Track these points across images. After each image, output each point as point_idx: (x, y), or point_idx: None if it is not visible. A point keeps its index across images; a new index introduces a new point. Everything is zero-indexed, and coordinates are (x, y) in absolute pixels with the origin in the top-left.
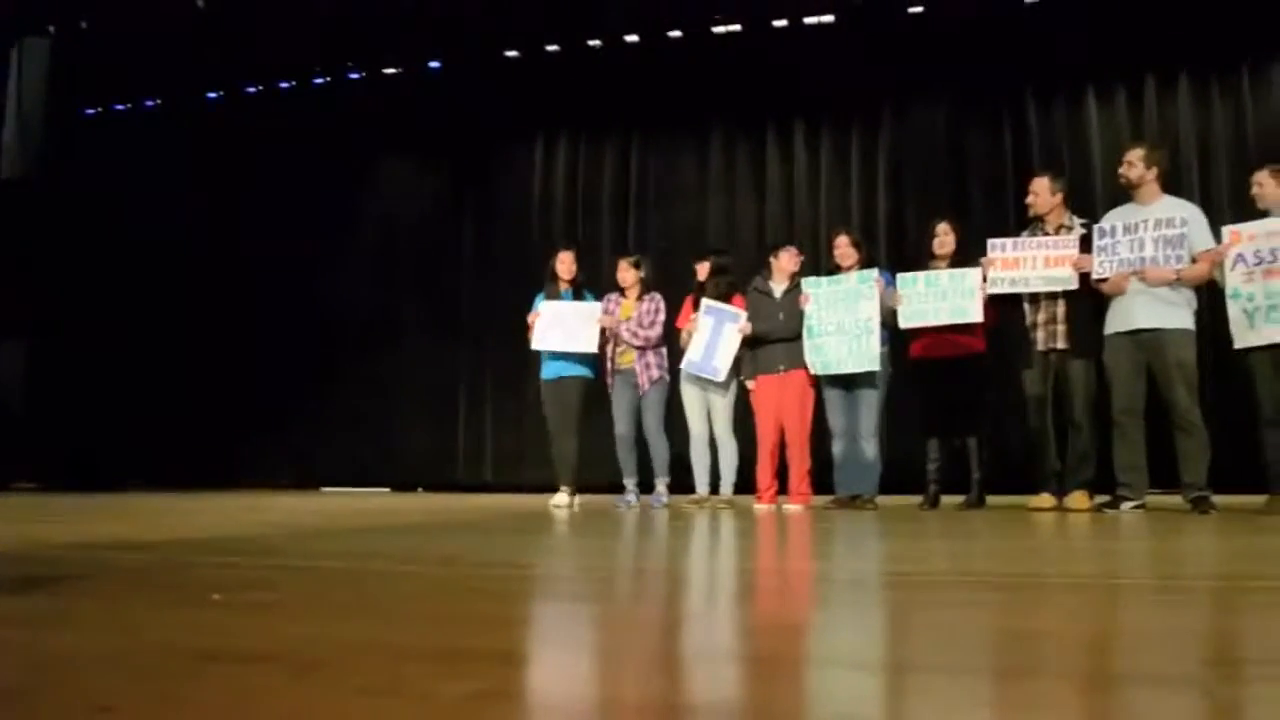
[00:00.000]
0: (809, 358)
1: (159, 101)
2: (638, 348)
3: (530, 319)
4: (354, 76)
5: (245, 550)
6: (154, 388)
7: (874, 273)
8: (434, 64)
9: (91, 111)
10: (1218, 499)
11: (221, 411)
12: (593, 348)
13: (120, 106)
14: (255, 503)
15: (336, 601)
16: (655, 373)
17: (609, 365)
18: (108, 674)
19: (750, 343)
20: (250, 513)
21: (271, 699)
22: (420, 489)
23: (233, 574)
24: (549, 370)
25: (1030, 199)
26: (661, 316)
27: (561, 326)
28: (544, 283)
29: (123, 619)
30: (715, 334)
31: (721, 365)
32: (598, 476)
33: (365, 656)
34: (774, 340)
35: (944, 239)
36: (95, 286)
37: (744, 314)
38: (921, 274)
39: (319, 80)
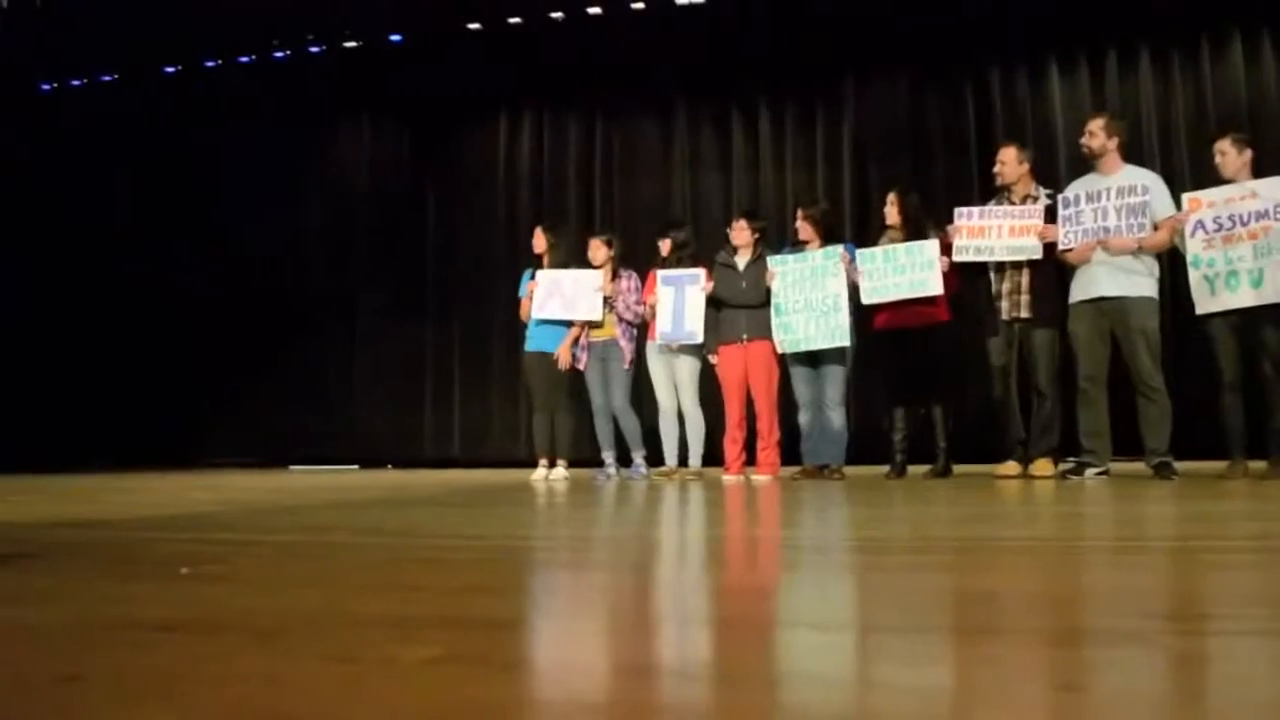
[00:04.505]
0: (777, 336)
1: (116, 76)
2: (628, 322)
3: (528, 287)
4: (314, 50)
5: (204, 526)
6: (114, 366)
7: (839, 249)
8: (395, 37)
9: (47, 87)
10: (1180, 465)
11: (185, 390)
12: (596, 315)
13: (77, 82)
14: (218, 481)
15: (295, 573)
16: (632, 349)
17: (582, 340)
18: (71, 645)
19: (713, 304)
20: (211, 491)
21: (233, 666)
22: (389, 466)
23: (191, 549)
24: (534, 341)
25: (998, 168)
26: (641, 294)
27: (560, 295)
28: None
29: (84, 593)
30: (679, 300)
31: (695, 328)
32: (582, 451)
33: (325, 625)
34: (736, 306)
35: (888, 209)
36: (52, 263)
37: (702, 273)
38: (880, 250)
39: (279, 54)
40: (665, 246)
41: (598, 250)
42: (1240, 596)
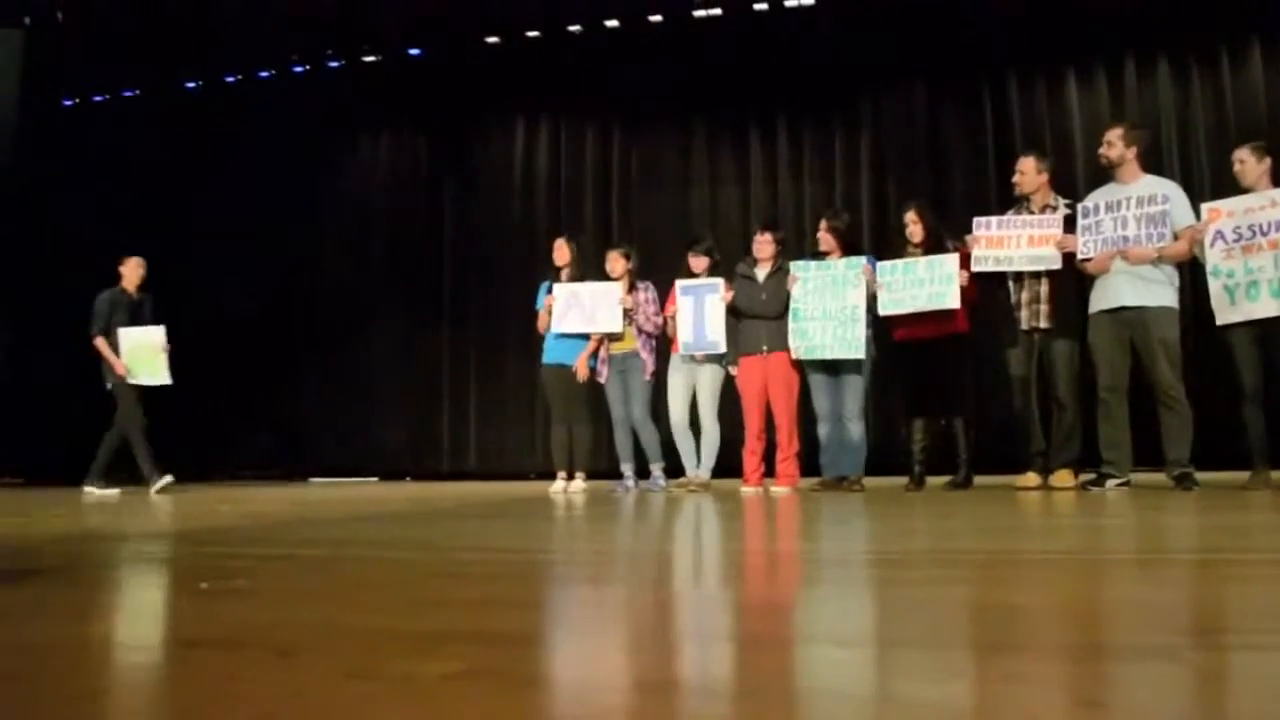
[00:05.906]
0: (792, 341)
1: (138, 92)
2: (648, 334)
3: (546, 302)
4: (334, 65)
5: (226, 540)
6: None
7: (863, 260)
8: (414, 51)
9: (70, 102)
10: (1201, 476)
11: (203, 404)
12: (616, 327)
13: (99, 97)
14: (237, 495)
15: (315, 588)
16: (653, 361)
17: (601, 352)
18: (91, 662)
19: (732, 315)
20: (230, 504)
21: (254, 683)
22: (408, 478)
23: (213, 563)
24: (552, 354)
25: (1017, 178)
26: (659, 305)
27: (579, 308)
28: (546, 273)
29: (104, 609)
30: (699, 310)
31: (717, 337)
32: (600, 463)
33: (345, 640)
34: (755, 317)
35: (912, 228)
36: (68, 277)
37: (720, 282)
38: (900, 261)
39: (299, 69)
40: (698, 264)
41: (616, 262)
42: (1264, 610)
